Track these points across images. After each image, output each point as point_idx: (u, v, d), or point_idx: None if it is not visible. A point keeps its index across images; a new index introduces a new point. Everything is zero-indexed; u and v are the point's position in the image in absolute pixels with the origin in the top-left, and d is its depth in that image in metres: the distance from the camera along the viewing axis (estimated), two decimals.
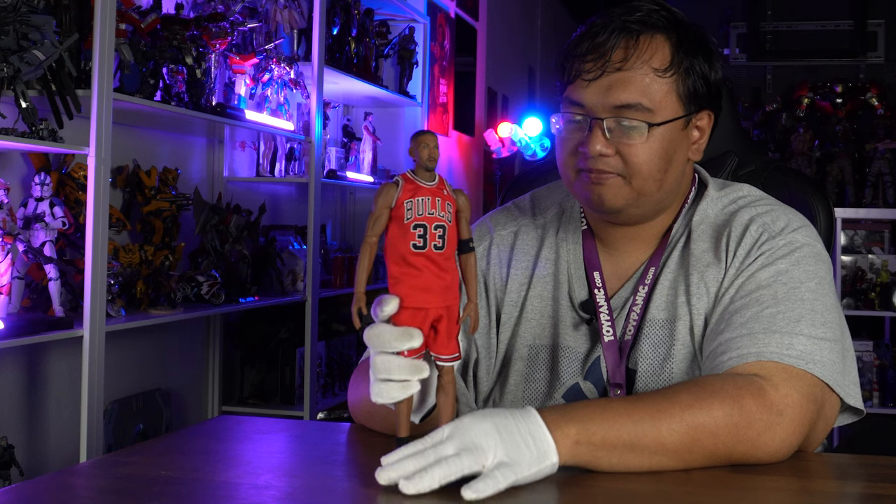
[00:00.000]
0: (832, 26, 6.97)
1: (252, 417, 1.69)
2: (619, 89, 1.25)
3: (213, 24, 2.86)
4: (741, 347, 1.19)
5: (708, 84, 1.31)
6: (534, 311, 1.39)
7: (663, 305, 1.32)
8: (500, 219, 1.48)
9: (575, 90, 1.28)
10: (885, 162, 5.92)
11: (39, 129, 2.15)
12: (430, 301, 0.98)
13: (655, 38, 1.27)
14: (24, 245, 2.27)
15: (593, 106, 1.27)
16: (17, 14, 2.02)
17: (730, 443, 1.09)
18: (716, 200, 1.36)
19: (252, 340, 3.48)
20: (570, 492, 1.02)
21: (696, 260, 1.32)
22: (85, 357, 2.32)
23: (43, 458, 2.61)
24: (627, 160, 1.27)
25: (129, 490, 1.01)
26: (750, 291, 1.25)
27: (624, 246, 1.37)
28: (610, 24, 1.27)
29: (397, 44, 4.44)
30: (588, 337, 1.35)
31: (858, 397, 1.24)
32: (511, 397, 1.36)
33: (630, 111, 1.25)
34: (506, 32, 6.49)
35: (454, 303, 1.00)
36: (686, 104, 1.29)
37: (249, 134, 3.41)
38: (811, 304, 1.22)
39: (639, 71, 1.26)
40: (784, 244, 1.28)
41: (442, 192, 0.99)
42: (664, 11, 1.30)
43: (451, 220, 0.99)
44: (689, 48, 1.29)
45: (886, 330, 4.92)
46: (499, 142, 5.81)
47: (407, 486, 0.95)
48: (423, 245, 0.97)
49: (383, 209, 0.98)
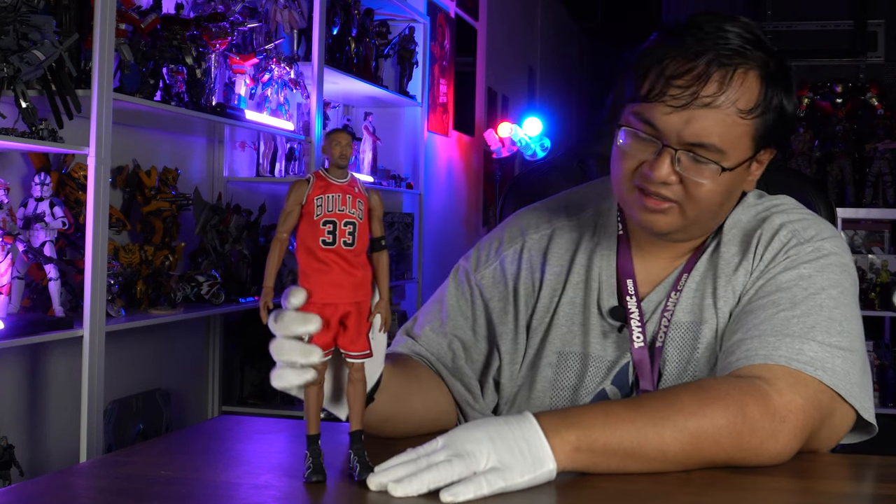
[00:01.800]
0: (832, 26, 6.97)
1: (252, 417, 1.69)
2: (699, 125, 1.19)
3: (213, 24, 2.86)
4: (751, 349, 1.18)
5: (783, 120, 1.26)
6: (565, 316, 1.35)
7: (688, 308, 1.30)
8: (533, 220, 1.43)
9: (653, 111, 1.21)
10: (885, 162, 5.92)
11: (39, 129, 2.15)
12: (339, 297, 0.99)
13: (749, 75, 1.21)
14: (24, 245, 2.27)
15: (668, 133, 1.20)
16: (17, 14, 2.02)
17: (731, 450, 1.08)
18: (750, 207, 1.35)
19: (252, 340, 3.48)
20: (569, 492, 1.02)
21: (724, 264, 1.30)
22: (85, 357, 2.32)
23: (43, 458, 2.61)
24: (690, 193, 1.23)
25: (129, 490, 1.01)
26: (768, 293, 1.23)
27: (659, 252, 1.35)
28: (705, 51, 1.19)
29: (397, 44, 4.44)
30: (616, 345, 1.32)
31: (872, 413, 1.22)
32: (538, 402, 1.33)
33: (703, 150, 1.20)
34: (506, 32, 6.49)
35: (365, 300, 1.01)
36: (757, 144, 1.25)
37: (249, 134, 3.41)
38: (829, 312, 1.20)
39: (725, 110, 1.19)
40: (811, 250, 1.26)
41: (353, 189, 1.00)
42: (756, 39, 1.22)
43: (361, 217, 0.99)
44: (776, 84, 1.23)
45: (886, 330, 4.92)
46: (499, 142, 5.81)
47: (395, 489, 0.95)
48: (333, 241, 0.98)
49: (294, 205, 0.99)
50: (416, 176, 4.70)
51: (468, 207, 5.82)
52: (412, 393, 1.27)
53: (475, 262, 1.42)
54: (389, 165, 4.61)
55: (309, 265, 0.99)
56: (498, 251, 1.41)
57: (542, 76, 7.33)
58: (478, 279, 1.40)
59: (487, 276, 1.40)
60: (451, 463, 0.97)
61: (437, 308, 1.41)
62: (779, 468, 1.11)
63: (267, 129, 3.22)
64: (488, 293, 1.39)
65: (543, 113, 6.32)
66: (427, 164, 4.94)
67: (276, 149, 3.49)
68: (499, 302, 1.38)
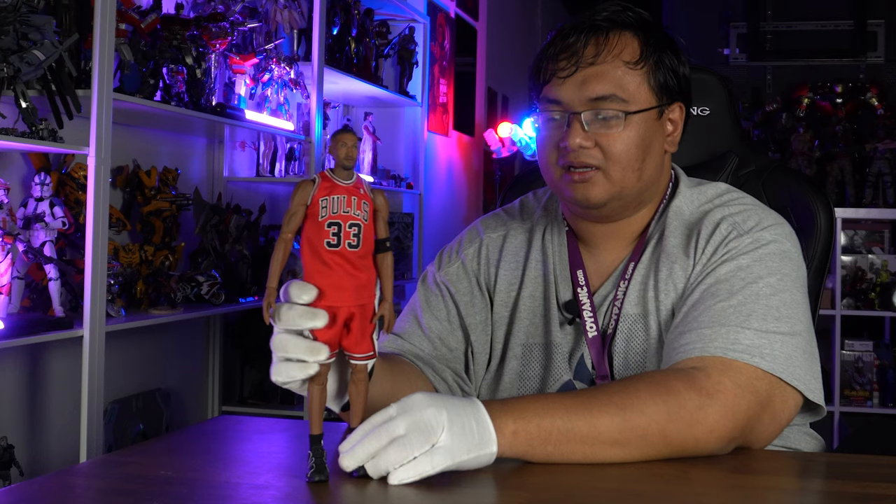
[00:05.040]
0: (832, 26, 6.97)
1: (252, 417, 1.69)
2: (593, 82, 1.30)
3: (213, 24, 2.86)
4: (688, 343, 1.21)
5: (678, 77, 1.36)
6: (526, 310, 1.42)
7: (635, 300, 1.35)
8: (490, 223, 1.52)
9: (551, 89, 1.33)
10: (885, 162, 5.92)
11: (39, 129, 2.15)
12: (343, 299, 0.99)
13: (624, 35, 1.33)
14: (24, 245, 2.27)
15: (570, 101, 1.31)
16: (17, 14, 2.02)
17: (662, 421, 1.09)
18: (690, 198, 1.39)
19: (252, 340, 3.48)
20: (571, 492, 1.02)
21: (666, 256, 1.34)
22: (85, 357, 2.32)
23: (43, 458, 2.61)
24: (606, 150, 1.30)
25: (129, 490, 1.01)
26: (708, 286, 1.27)
27: (604, 244, 1.40)
28: (579, 25, 1.33)
29: (397, 44, 4.44)
30: (573, 336, 1.38)
31: (820, 394, 1.23)
32: (506, 395, 1.38)
33: (606, 102, 1.30)
34: (506, 32, 6.49)
35: (369, 302, 1.01)
36: (658, 95, 1.34)
37: (249, 134, 3.41)
38: (766, 300, 1.23)
39: (611, 65, 1.31)
40: (750, 241, 1.29)
41: (358, 191, 0.99)
42: (630, 11, 1.35)
43: (367, 219, 0.99)
44: (657, 43, 1.34)
45: (886, 330, 4.92)
46: (499, 142, 5.81)
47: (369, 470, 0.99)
48: (338, 243, 0.98)
49: (299, 206, 0.98)
50: (416, 176, 4.70)
51: (468, 207, 5.82)
52: (402, 387, 1.30)
53: (438, 264, 1.50)
54: (389, 165, 4.61)
55: (313, 266, 0.99)
56: (459, 252, 1.49)
57: None
58: (443, 277, 1.47)
59: (452, 273, 1.47)
60: (409, 438, 0.99)
61: (412, 312, 1.47)
62: (778, 468, 1.11)
63: (267, 129, 3.22)
64: (454, 287, 1.46)
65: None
66: (427, 164, 4.94)
67: (276, 149, 3.49)
68: (465, 296, 1.45)
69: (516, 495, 0.98)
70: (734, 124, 1.67)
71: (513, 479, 1.05)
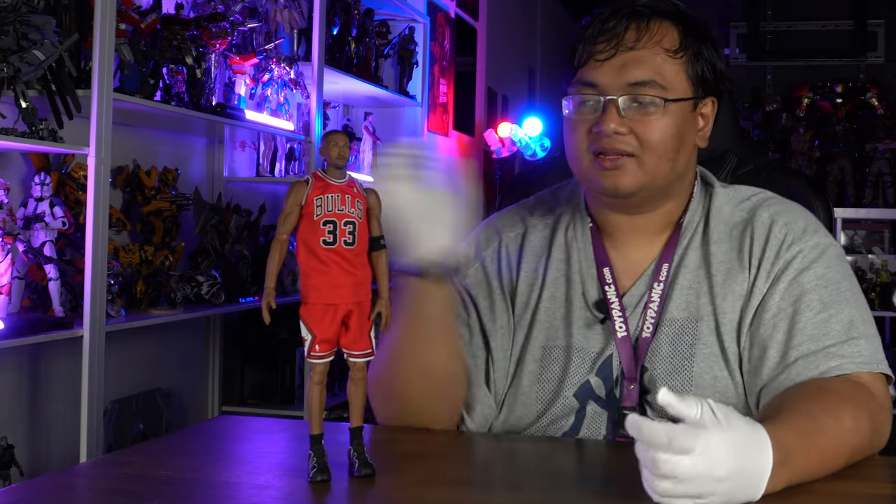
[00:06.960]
0: (832, 26, 6.97)
1: (252, 417, 1.69)
2: (633, 67, 1.27)
3: (213, 24, 2.86)
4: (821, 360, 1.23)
5: (714, 71, 1.34)
6: (546, 312, 1.37)
7: (683, 305, 1.32)
8: (507, 220, 1.47)
9: (587, 71, 1.29)
10: (885, 162, 5.92)
11: (39, 129, 2.14)
12: (341, 297, 0.99)
13: (664, 23, 1.30)
14: (24, 245, 2.27)
15: (607, 85, 1.28)
16: (17, 14, 2.02)
17: (867, 451, 1.16)
18: (727, 198, 1.38)
19: (252, 340, 3.48)
20: (576, 492, 1.02)
21: (718, 262, 1.33)
22: (85, 357, 2.32)
23: (43, 458, 2.61)
24: (642, 138, 1.27)
25: (129, 490, 1.01)
26: (797, 297, 1.28)
27: (631, 240, 1.37)
28: (618, 9, 1.31)
29: (397, 44, 4.44)
30: (602, 336, 1.34)
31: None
32: (524, 398, 1.35)
33: (644, 88, 1.27)
34: (506, 32, 6.48)
35: (366, 299, 1.01)
36: (695, 87, 1.31)
37: (249, 134, 3.41)
38: (854, 303, 1.29)
39: (651, 51, 1.28)
40: (813, 245, 1.31)
41: (352, 189, 1.01)
42: (669, 1, 1.33)
43: (361, 216, 1.00)
44: (697, 35, 1.32)
45: (886, 330, 4.92)
46: (499, 142, 5.81)
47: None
48: (334, 241, 0.99)
49: (293, 206, 1.00)
50: None
51: None
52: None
53: None
54: None
55: (310, 265, 0.99)
56: (477, 253, 1.44)
57: (542, 76, 7.33)
58: (463, 281, 1.41)
59: (471, 277, 1.42)
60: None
61: None
62: None
63: (267, 129, 3.22)
64: (474, 292, 1.41)
65: (543, 113, 6.32)
66: None
67: (276, 149, 3.49)
68: (484, 300, 1.41)
69: (522, 493, 0.98)
70: (734, 124, 1.67)
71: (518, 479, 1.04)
